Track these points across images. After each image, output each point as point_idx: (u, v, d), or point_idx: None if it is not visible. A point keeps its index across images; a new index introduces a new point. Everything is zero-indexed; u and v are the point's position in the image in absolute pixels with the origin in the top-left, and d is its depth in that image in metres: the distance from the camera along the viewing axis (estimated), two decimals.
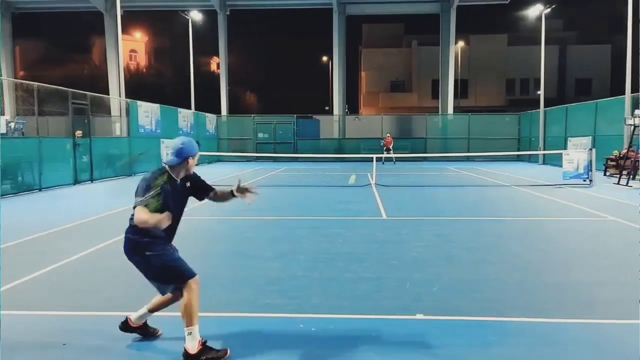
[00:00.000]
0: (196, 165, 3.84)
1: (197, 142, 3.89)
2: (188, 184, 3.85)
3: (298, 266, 5.96)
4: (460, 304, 4.57)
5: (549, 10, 27.34)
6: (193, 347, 3.46)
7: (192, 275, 3.74)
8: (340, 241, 7.40)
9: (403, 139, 31.25)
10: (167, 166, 3.69)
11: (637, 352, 3.56)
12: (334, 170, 23.10)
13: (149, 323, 3.94)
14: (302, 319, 4.22)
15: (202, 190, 4.05)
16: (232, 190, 4.12)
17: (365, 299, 4.75)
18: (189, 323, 3.52)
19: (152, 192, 3.53)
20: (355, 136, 31.99)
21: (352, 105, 51.21)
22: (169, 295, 3.82)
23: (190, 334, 3.49)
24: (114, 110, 25.94)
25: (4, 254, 6.57)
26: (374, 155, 18.38)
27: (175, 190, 3.69)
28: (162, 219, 3.45)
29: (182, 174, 3.74)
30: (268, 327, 4.09)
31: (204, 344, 3.50)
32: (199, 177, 4.00)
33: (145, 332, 3.90)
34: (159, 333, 3.94)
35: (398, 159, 26.55)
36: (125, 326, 3.86)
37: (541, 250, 6.82)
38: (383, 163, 25.93)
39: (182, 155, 3.66)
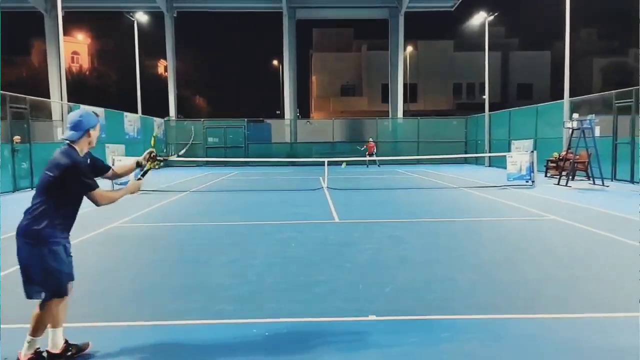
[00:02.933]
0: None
1: (96, 114, 3.70)
2: (89, 161, 3.64)
3: (251, 271, 5.90)
4: (412, 304, 4.65)
5: (492, 17, 28.36)
6: (25, 356, 3.38)
7: (65, 293, 3.55)
8: (293, 245, 7.38)
9: (354, 142, 31.59)
10: (68, 142, 3.48)
11: (578, 344, 3.72)
12: (286, 174, 23.06)
13: (72, 340, 3.65)
14: (256, 324, 4.18)
15: (100, 169, 3.80)
16: (137, 161, 3.90)
17: (319, 302, 4.75)
18: (33, 333, 3.41)
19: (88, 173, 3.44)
20: (307, 140, 32.07)
21: (303, 109, 51.43)
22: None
23: (29, 342, 3.40)
24: (55, 114, 24.91)
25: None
26: (326, 159, 18.48)
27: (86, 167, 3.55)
28: (137, 184, 3.59)
29: (85, 149, 3.57)
30: (221, 334, 4.02)
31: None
32: (94, 155, 3.79)
33: (74, 352, 3.58)
34: (88, 347, 3.68)
35: (371, 162, 27.02)
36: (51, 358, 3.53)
37: (488, 249, 7.03)
38: (367, 167, 27.01)
39: (82, 128, 3.49)
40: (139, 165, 3.90)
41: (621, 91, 17.08)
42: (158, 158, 3.89)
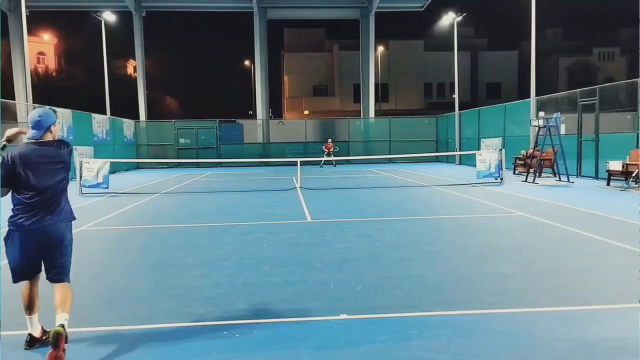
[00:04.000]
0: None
1: (53, 110, 3.88)
2: None
3: (222, 272, 5.87)
4: (383, 302, 4.69)
5: (460, 18, 28.80)
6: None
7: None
8: (265, 245, 7.37)
9: (333, 142, 31.73)
10: (32, 142, 3.68)
11: (547, 337, 3.82)
12: (258, 174, 22.96)
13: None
14: (227, 326, 4.16)
15: None
16: (3, 145, 3.81)
17: (291, 303, 4.76)
18: (69, 309, 3.79)
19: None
20: (280, 140, 32.01)
21: (275, 110, 51.26)
22: (36, 286, 3.89)
23: (67, 319, 3.67)
24: (21, 116, 24.24)
25: None
26: (298, 159, 18.48)
27: None
28: None
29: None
30: (191, 336, 3.99)
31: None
32: None
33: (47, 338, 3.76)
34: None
35: (327, 162, 27.06)
36: (33, 341, 3.76)
37: (458, 246, 7.14)
38: (321, 167, 26.62)
39: (43, 126, 3.72)
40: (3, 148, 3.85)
41: (585, 90, 17.55)
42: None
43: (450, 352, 3.60)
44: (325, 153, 26.98)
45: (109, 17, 29.45)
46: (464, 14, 28.71)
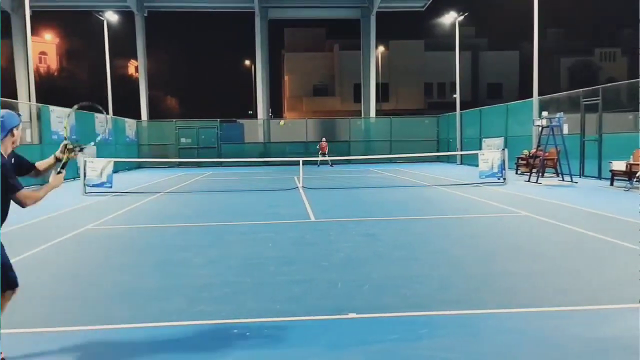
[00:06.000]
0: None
1: (18, 114, 3.66)
2: (13, 161, 3.59)
3: (229, 272, 5.88)
4: (390, 301, 4.70)
5: (461, 17, 28.80)
6: None
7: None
8: (270, 245, 7.38)
9: (327, 142, 31.72)
10: None
11: (554, 336, 3.83)
12: (260, 174, 22.98)
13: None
14: (236, 325, 4.17)
15: (26, 168, 3.78)
16: (55, 155, 3.83)
17: (298, 301, 4.77)
18: None
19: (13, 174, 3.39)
20: (280, 140, 32.01)
21: (276, 109, 51.30)
22: None
23: None
24: (24, 115, 24.29)
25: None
26: (300, 159, 18.48)
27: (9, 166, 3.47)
28: (60, 178, 3.57)
29: (9, 149, 3.52)
30: (202, 335, 4.00)
31: None
32: (19, 154, 3.76)
33: None
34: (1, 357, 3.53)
35: (322, 162, 27.06)
36: None
37: (463, 246, 7.16)
38: (318, 166, 26.63)
39: (5, 128, 3.45)
40: (58, 159, 3.83)
41: (588, 90, 17.56)
42: (74, 148, 3.85)
43: (461, 351, 3.61)
44: (320, 153, 26.97)
45: (111, 17, 29.46)
46: (465, 14, 28.72)
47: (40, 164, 3.83)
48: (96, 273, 6.04)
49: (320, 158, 26.12)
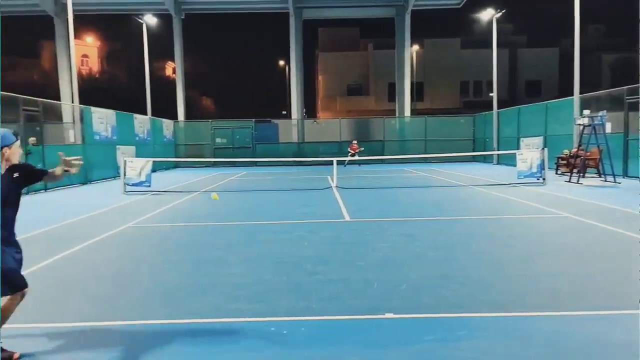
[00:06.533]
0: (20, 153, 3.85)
1: (16, 134, 3.82)
2: (16, 175, 3.72)
3: (264, 270, 5.92)
4: (428, 302, 4.65)
5: (499, 14, 28.23)
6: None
7: (26, 285, 3.70)
8: (305, 244, 7.40)
9: (361, 142, 31.63)
10: None
11: (597, 341, 3.71)
12: (294, 174, 23.09)
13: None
14: (273, 323, 4.20)
15: (34, 176, 3.92)
16: (62, 168, 4.00)
17: (335, 300, 4.77)
18: None
19: None
20: (314, 140, 32.08)
21: (310, 109, 51.43)
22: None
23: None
24: (66, 116, 25.11)
25: None
26: (334, 159, 18.47)
27: (2, 181, 3.60)
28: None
29: (3, 165, 3.65)
30: (239, 332, 4.04)
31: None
32: (29, 165, 3.96)
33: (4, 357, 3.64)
34: (16, 356, 3.64)
35: (350, 162, 27.00)
36: None
37: (502, 247, 7.02)
38: (345, 166, 26.52)
39: None
40: (64, 170, 4.01)
41: (632, 87, 16.95)
42: (71, 161, 4.02)
43: (501, 354, 3.54)
44: (350, 154, 26.97)
45: (149, 20, 30.12)
46: (503, 11, 28.14)
47: (52, 171, 4.02)
48: (135, 270, 6.18)
49: (348, 158, 26.11)
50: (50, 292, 5.23)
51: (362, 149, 27.72)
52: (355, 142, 28.17)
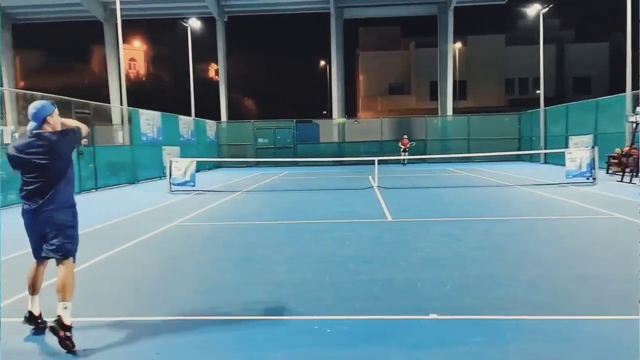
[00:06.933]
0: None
1: (53, 104, 4.10)
2: (67, 136, 4.10)
3: (307, 269, 5.96)
4: (474, 303, 4.57)
5: (546, 9, 27.42)
6: (68, 319, 3.76)
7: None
8: (347, 243, 7.40)
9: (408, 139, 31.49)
10: (32, 133, 3.93)
11: None
12: (335, 173, 23.11)
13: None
14: (316, 321, 4.22)
15: (73, 132, 4.27)
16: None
17: (378, 300, 4.76)
18: (67, 298, 3.81)
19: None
20: (355, 139, 32.02)
21: (350, 109, 51.30)
22: (41, 268, 4.07)
23: (66, 308, 3.78)
24: (115, 118, 25.98)
25: (17, 261, 6.60)
26: (376, 158, 18.38)
27: (60, 145, 4.01)
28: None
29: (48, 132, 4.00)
30: (284, 329, 4.09)
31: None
32: (66, 129, 4.23)
33: (42, 322, 4.05)
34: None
35: (398, 161, 26.83)
36: (31, 318, 4.04)
37: (551, 248, 6.82)
38: (405, 164, 27.21)
39: (39, 117, 3.93)
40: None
41: None
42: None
43: (549, 358, 3.44)
44: (402, 150, 26.88)
45: (194, 23, 30.78)
46: (550, 5, 27.31)
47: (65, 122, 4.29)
48: (180, 268, 6.34)
49: (404, 157, 26.05)
50: (99, 288, 5.42)
51: (413, 143, 27.67)
52: (405, 137, 28.13)
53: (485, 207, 11.22)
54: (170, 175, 15.29)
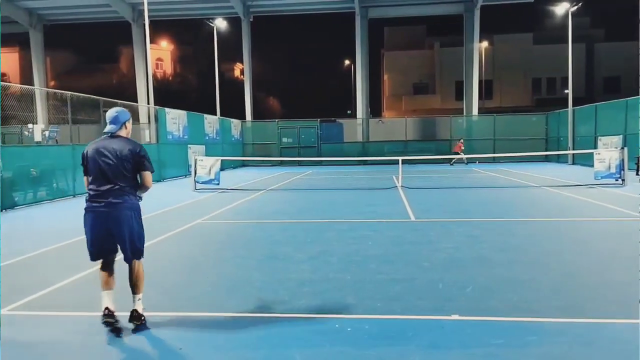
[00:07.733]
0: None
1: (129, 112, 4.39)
2: (139, 156, 4.26)
3: (329, 268, 6.00)
4: (496, 305, 4.55)
5: (575, 7, 26.90)
6: (142, 309, 4.17)
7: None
8: (370, 243, 7.41)
9: (427, 141, 31.23)
10: (109, 135, 4.20)
11: None
12: (358, 173, 23.10)
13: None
14: (338, 320, 4.26)
15: (141, 167, 4.36)
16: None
17: (399, 300, 4.77)
18: (141, 290, 4.23)
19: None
20: (379, 139, 31.92)
21: (374, 109, 51.15)
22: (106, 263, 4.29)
23: (140, 299, 4.18)
24: (142, 117, 26.44)
25: (40, 258, 6.81)
26: (400, 158, 18.31)
27: (134, 155, 4.22)
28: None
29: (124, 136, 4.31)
30: (305, 327, 4.13)
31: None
32: (145, 156, 4.36)
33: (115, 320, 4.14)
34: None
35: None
36: (108, 315, 4.08)
37: (575, 251, 6.72)
38: (466, 163, 27.60)
39: (119, 121, 4.22)
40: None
41: None
42: None
43: None
44: (456, 151, 27.14)
45: (220, 23, 31.06)
46: (580, 4, 26.77)
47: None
48: (205, 264, 6.44)
49: (461, 156, 26.10)
50: (125, 284, 5.54)
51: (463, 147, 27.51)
52: (462, 140, 28.02)
53: (510, 207, 11.09)
54: (196, 173, 15.51)
